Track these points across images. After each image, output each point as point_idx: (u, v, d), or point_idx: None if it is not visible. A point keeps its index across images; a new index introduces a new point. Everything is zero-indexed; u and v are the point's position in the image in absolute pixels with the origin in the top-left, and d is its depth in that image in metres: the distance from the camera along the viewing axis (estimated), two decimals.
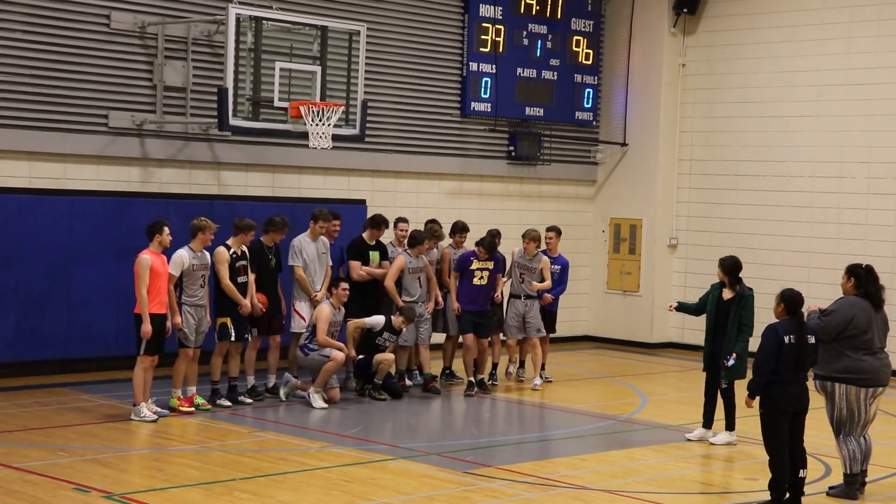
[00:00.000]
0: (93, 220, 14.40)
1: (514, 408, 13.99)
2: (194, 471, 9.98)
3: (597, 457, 11.19)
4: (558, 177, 19.33)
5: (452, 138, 18.00)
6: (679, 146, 19.29)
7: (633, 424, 12.88)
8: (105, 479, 9.53)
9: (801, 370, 9.23)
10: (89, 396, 13.13)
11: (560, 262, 15.29)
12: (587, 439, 12.20)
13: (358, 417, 12.75)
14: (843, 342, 9.64)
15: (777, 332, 9.14)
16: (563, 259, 15.37)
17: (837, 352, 9.66)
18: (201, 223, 12.35)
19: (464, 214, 17.45)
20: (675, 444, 11.87)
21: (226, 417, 12.32)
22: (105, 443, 10.92)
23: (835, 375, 9.69)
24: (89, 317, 14.40)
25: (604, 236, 19.77)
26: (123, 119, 14.69)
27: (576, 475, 10.39)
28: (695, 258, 19.08)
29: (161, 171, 15.11)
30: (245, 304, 12.72)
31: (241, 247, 12.83)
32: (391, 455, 10.82)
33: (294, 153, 15.99)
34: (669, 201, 19.33)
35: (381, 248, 14.21)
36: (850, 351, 9.64)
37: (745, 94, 18.56)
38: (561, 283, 15.22)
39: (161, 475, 9.81)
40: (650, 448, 11.68)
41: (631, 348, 19.14)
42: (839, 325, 9.61)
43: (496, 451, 11.35)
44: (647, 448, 11.68)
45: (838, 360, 9.67)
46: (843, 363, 9.65)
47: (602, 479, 10.29)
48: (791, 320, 9.21)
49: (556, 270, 15.12)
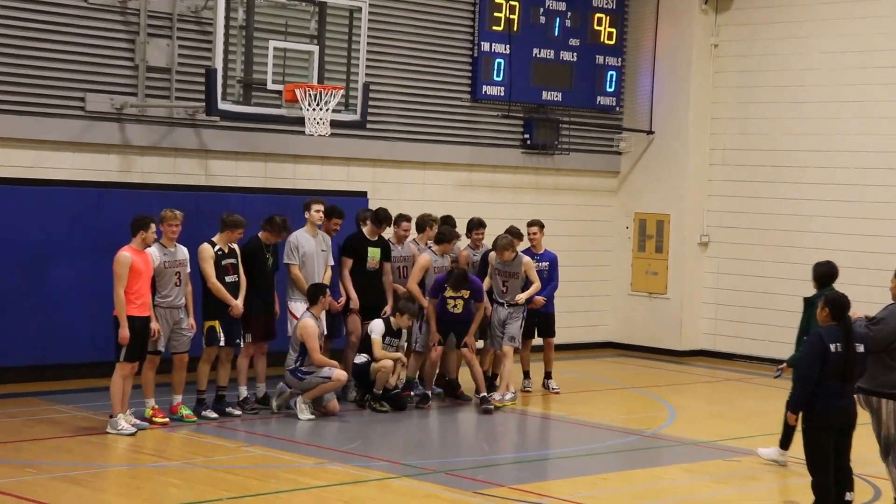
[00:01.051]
0: (68, 213, 14.33)
1: (528, 422, 13.91)
2: (176, 489, 9.90)
3: (620, 476, 11.11)
4: (578, 167, 19.25)
5: (462, 125, 17.92)
6: (711, 134, 19.19)
7: (661, 440, 12.80)
8: (78, 499, 9.48)
9: (849, 381, 9.07)
10: (62, 407, 13.05)
11: (547, 257, 15.17)
12: (609, 457, 12.11)
13: (357, 431, 12.66)
14: (894, 354, 9.47)
15: (822, 340, 8.99)
16: (549, 254, 15.24)
17: (886, 364, 9.48)
18: (162, 214, 12.25)
19: (474, 208, 17.33)
20: (708, 463, 11.79)
21: (212, 430, 12.23)
22: (78, 458, 10.84)
23: (882, 391, 9.52)
24: (63, 319, 14.32)
25: (628, 233, 19.69)
26: (102, 102, 14.61)
27: (596, 496, 10.31)
28: (728, 257, 18.98)
29: (143, 160, 15.03)
30: (235, 305, 12.64)
31: (229, 244, 12.72)
32: (394, 472, 10.74)
33: (289, 140, 15.90)
34: (700, 194, 19.23)
35: (382, 244, 14.11)
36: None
37: (784, 78, 18.42)
38: (551, 280, 15.13)
39: (139, 494, 9.73)
40: (679, 467, 11.62)
41: (657, 356, 19.07)
42: (889, 335, 9.44)
43: (509, 469, 11.29)
44: (676, 467, 11.62)
45: (886, 374, 9.49)
46: (892, 377, 9.48)
47: (626, 501, 10.20)
48: (837, 326, 9.06)
49: (543, 268, 15.01)
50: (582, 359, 18.50)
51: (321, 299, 13.04)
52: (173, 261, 12.28)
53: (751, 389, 16.68)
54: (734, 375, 17.67)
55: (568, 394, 15.21)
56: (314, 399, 13.01)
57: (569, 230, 18.86)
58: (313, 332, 12.85)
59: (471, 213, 16.31)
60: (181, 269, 12.34)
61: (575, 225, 19.18)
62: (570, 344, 18.83)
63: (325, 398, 13.09)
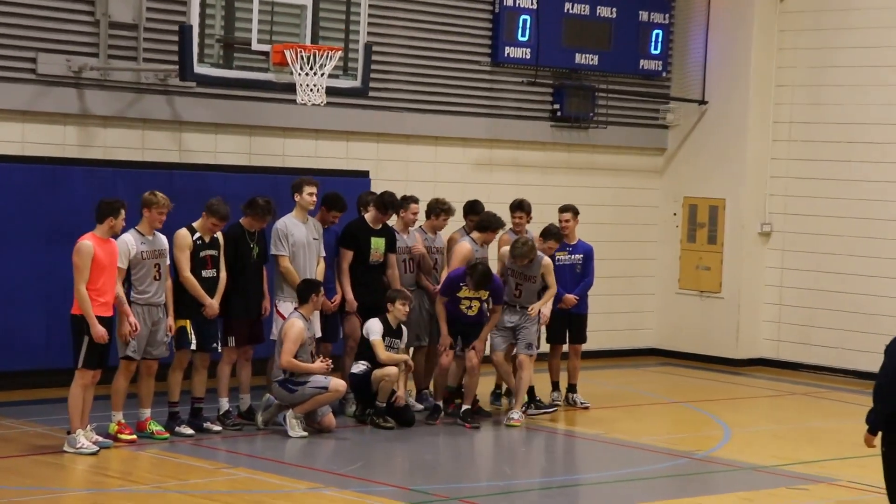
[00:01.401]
0: (17, 194, 14.35)
1: (558, 441, 13.93)
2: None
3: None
4: (617, 143, 19.24)
5: (481, 93, 17.92)
6: (775, 105, 19.16)
7: (714, 464, 12.79)
8: None
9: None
10: (11, 421, 13.07)
11: (581, 249, 15.17)
12: (653, 483, 12.09)
13: (357, 450, 12.68)
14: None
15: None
16: (584, 245, 15.23)
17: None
18: (149, 198, 12.28)
19: (494, 190, 17.37)
20: (770, 492, 11.76)
21: (187, 449, 12.25)
22: (31, 481, 10.86)
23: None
24: (12, 319, 14.36)
25: (675, 221, 19.68)
26: (56, 64, 14.63)
27: None
28: (794, 249, 18.97)
29: (106, 132, 15.05)
30: (210, 304, 12.68)
31: (212, 234, 12.75)
32: (399, 500, 10.73)
33: (277, 111, 15.92)
34: (761, 176, 19.22)
35: (387, 233, 14.14)
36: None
37: (866, 37, 18.37)
38: (585, 276, 15.17)
39: None
40: (736, 496, 11.60)
41: (710, 365, 19.06)
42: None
43: (535, 497, 11.30)
44: (732, 496, 11.61)
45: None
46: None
47: None
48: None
49: (577, 261, 15.03)
50: (621, 368, 18.49)
51: (312, 298, 13.04)
52: (152, 250, 12.31)
53: (820, 405, 16.68)
54: (800, 389, 17.67)
55: (605, 409, 15.21)
56: (307, 413, 13.04)
57: (606, 217, 18.85)
58: (294, 333, 12.84)
59: (490, 195, 16.34)
60: (161, 260, 12.39)
61: (613, 211, 19.18)
62: (608, 351, 18.84)
63: (320, 412, 13.11)
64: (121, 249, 12.07)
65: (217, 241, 12.86)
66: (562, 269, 14.83)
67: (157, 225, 12.31)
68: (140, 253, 12.22)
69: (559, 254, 14.98)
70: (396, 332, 13.63)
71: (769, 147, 19.22)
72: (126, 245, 12.13)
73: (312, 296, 13.02)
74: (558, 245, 14.59)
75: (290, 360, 12.83)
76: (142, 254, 12.23)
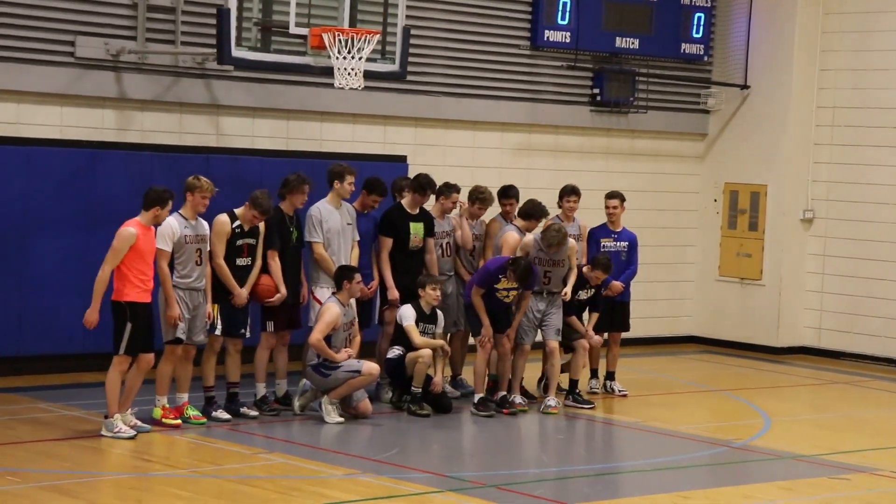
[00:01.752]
0: (55, 178, 14.49)
1: (596, 429, 13.96)
2: (182, 502, 10.01)
3: (704, 494, 11.10)
4: (657, 128, 19.24)
5: (519, 77, 17.96)
6: (819, 89, 19.11)
7: (753, 453, 12.80)
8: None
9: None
10: (48, 405, 13.22)
11: (626, 237, 15.24)
12: (692, 471, 12.13)
13: (393, 436, 12.76)
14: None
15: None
16: (629, 233, 15.30)
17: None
18: (192, 182, 12.40)
19: (533, 176, 17.42)
20: (810, 481, 11.77)
21: (224, 434, 12.36)
22: (68, 465, 10.97)
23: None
24: (50, 303, 14.51)
25: (716, 207, 19.67)
26: (95, 47, 14.75)
27: None
28: (837, 236, 18.93)
29: (143, 116, 15.17)
30: (240, 293, 12.77)
31: (251, 224, 12.83)
32: (436, 486, 10.80)
33: (315, 95, 16.01)
34: (804, 161, 19.18)
35: (425, 218, 14.21)
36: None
37: None
38: (630, 264, 15.24)
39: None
40: (776, 485, 11.58)
41: (750, 353, 19.04)
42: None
43: (574, 485, 11.33)
44: (771, 485, 11.58)
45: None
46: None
47: None
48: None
49: (621, 249, 15.09)
50: (660, 355, 18.49)
51: (345, 284, 13.06)
52: (195, 235, 12.42)
53: (862, 394, 16.65)
54: (842, 377, 17.63)
55: (643, 396, 15.23)
56: (342, 399, 13.14)
57: (645, 203, 18.85)
58: (330, 316, 12.92)
59: (529, 181, 16.40)
60: (202, 245, 12.50)
61: (653, 197, 19.18)
62: (647, 338, 18.85)
63: (355, 397, 13.20)
64: (165, 232, 12.18)
65: (257, 228, 12.93)
66: None
67: (201, 209, 12.42)
68: (184, 237, 12.33)
69: (604, 240, 15.07)
70: (430, 317, 13.70)
71: (812, 132, 19.17)
72: (170, 228, 12.24)
73: (345, 282, 13.08)
74: (606, 276, 14.53)
75: (319, 340, 12.87)
76: (185, 237, 12.34)
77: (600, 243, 15.03)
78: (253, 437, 12.37)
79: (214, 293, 12.69)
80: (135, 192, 14.61)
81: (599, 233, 15.23)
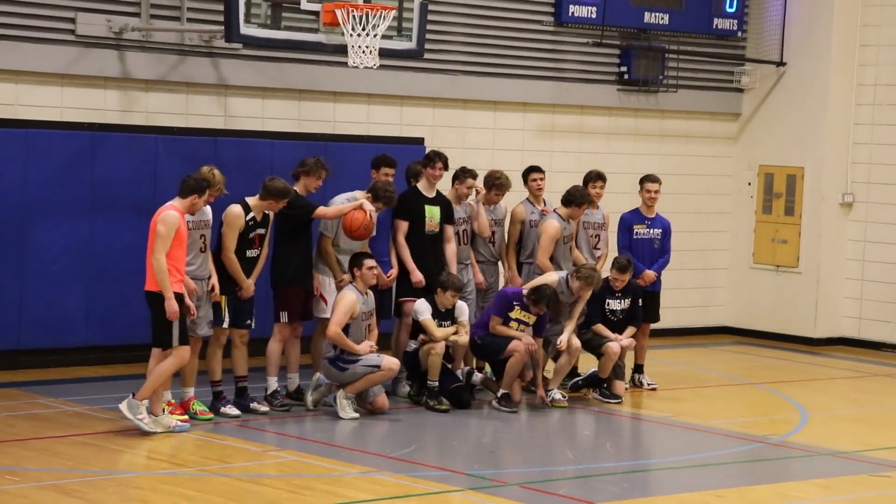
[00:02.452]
0: (55, 162, 14.49)
1: (623, 424, 13.94)
2: (188, 502, 10.00)
3: (738, 493, 11.07)
4: (688, 108, 19.20)
5: (543, 55, 17.93)
6: (859, 66, 19.06)
7: (790, 449, 12.79)
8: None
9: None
10: (49, 401, 13.21)
11: (659, 224, 15.17)
12: (725, 468, 12.10)
13: (411, 432, 12.74)
14: None
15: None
16: (663, 220, 15.23)
17: None
18: (207, 175, 12.31)
19: (557, 159, 17.38)
20: (850, 479, 11.72)
21: (232, 431, 12.36)
22: (70, 464, 10.97)
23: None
24: (50, 293, 14.51)
25: (750, 191, 19.63)
26: (96, 25, 14.75)
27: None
28: (878, 221, 18.89)
29: (147, 97, 15.17)
30: (248, 286, 12.76)
31: (263, 212, 12.80)
32: (456, 485, 10.78)
33: (327, 74, 15.99)
34: (843, 143, 19.12)
35: (443, 202, 14.16)
36: None
37: None
38: (664, 252, 15.19)
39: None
40: (814, 483, 11.57)
41: (786, 345, 19.02)
42: None
43: (600, 483, 11.29)
44: (809, 483, 11.57)
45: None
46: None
47: None
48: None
49: (655, 236, 15.04)
50: (692, 346, 18.48)
51: (354, 271, 13.04)
52: (199, 221, 12.40)
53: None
54: (884, 370, 17.59)
55: (673, 390, 15.21)
56: (358, 394, 13.12)
57: (676, 187, 18.80)
58: (346, 304, 12.88)
59: (552, 164, 16.36)
60: (206, 231, 12.50)
61: (683, 181, 19.14)
62: (678, 329, 18.84)
63: (372, 392, 13.18)
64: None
65: (267, 218, 12.90)
66: (640, 244, 14.90)
67: (211, 200, 12.40)
68: (187, 223, 12.31)
69: (637, 227, 15.00)
70: (445, 315, 13.65)
71: (852, 112, 19.12)
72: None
73: (355, 269, 13.05)
74: (625, 277, 14.38)
75: (338, 332, 12.84)
76: (188, 223, 12.32)
77: (633, 230, 14.95)
78: (263, 433, 12.38)
79: (221, 285, 12.67)
80: (138, 177, 14.73)
81: (632, 219, 15.14)
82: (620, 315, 14.42)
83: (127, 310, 14.53)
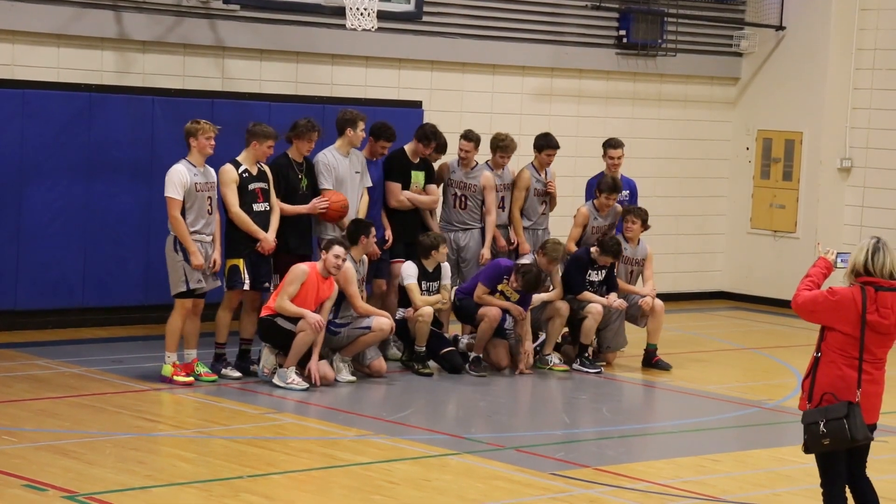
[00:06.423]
0: (51, 123, 14.49)
1: (620, 389, 13.99)
2: (188, 465, 10.07)
3: (734, 457, 11.17)
4: (687, 72, 19.19)
5: (541, 18, 17.90)
6: (858, 30, 19.02)
7: (786, 414, 12.77)
8: (66, 475, 9.62)
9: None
10: (46, 362, 13.27)
11: (626, 185, 15.09)
12: (721, 433, 12.18)
13: (407, 396, 12.82)
14: None
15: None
16: (628, 181, 15.19)
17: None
18: (192, 126, 12.43)
19: (555, 123, 17.37)
20: None
21: (233, 393, 12.42)
22: (67, 424, 11.03)
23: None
24: (46, 255, 14.54)
25: (748, 156, 19.63)
26: None
27: (705, 482, 10.35)
28: (876, 186, 18.89)
29: (144, 58, 15.17)
30: (265, 238, 12.77)
31: (257, 163, 12.85)
32: (452, 448, 10.86)
33: (325, 36, 15.99)
34: (842, 108, 19.12)
35: (426, 167, 14.22)
36: None
37: None
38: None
39: (143, 469, 9.89)
40: None
41: (783, 310, 18.99)
42: None
43: (596, 447, 11.38)
44: None
45: None
46: None
47: (741, 488, 10.25)
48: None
49: (623, 197, 15.01)
50: (688, 312, 18.52)
51: (362, 239, 13.12)
52: (206, 182, 12.48)
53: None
54: None
55: (670, 355, 15.22)
56: (354, 358, 13.17)
57: (674, 151, 18.83)
58: (352, 276, 12.97)
59: (550, 128, 16.29)
60: (212, 192, 12.56)
61: (682, 145, 19.15)
62: (675, 294, 18.86)
63: (368, 356, 13.23)
64: (175, 180, 12.23)
65: (265, 173, 12.93)
66: None
67: (209, 151, 12.45)
68: (194, 185, 12.36)
69: None
70: (433, 274, 13.69)
71: (851, 76, 19.09)
72: (180, 176, 12.29)
73: (362, 237, 13.09)
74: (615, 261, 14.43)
75: (364, 306, 12.95)
76: (196, 185, 12.37)
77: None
78: (262, 396, 12.41)
79: (236, 246, 12.71)
80: (136, 138, 14.76)
81: None
82: (598, 286, 14.42)
83: (123, 271, 14.63)
